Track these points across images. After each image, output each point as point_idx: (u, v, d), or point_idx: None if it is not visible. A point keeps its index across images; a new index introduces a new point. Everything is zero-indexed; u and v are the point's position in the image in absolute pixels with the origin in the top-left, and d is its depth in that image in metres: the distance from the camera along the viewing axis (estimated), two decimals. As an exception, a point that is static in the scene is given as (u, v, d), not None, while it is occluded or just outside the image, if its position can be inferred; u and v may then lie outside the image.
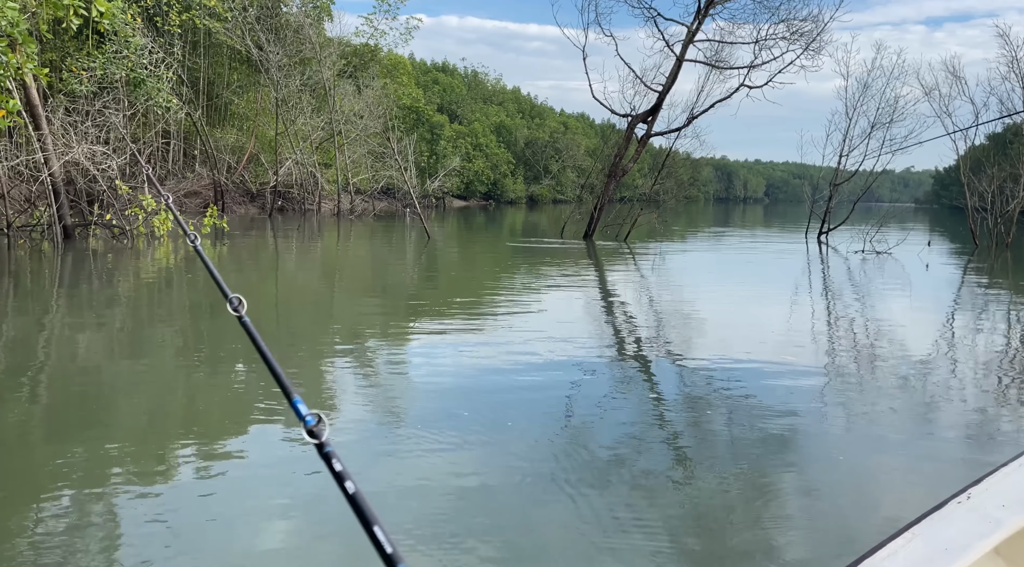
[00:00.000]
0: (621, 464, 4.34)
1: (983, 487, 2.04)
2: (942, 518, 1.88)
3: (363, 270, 15.56)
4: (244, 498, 3.76)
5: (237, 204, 31.91)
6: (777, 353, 7.52)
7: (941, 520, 1.87)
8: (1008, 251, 22.31)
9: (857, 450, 4.73)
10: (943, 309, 11.52)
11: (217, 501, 3.73)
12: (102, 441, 4.51)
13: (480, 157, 60.26)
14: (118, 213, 16.92)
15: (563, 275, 14.84)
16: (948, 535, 1.80)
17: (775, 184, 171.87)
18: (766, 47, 22.52)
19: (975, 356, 7.78)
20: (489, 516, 3.59)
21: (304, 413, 1.13)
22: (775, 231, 36.18)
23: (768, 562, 3.23)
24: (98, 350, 7.13)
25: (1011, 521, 1.90)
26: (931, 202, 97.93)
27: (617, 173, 23.41)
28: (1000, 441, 4.99)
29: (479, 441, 4.63)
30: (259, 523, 3.49)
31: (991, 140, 35.24)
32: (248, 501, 3.73)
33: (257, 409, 5.31)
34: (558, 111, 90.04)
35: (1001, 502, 1.96)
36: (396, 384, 6.16)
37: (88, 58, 20.75)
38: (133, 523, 3.46)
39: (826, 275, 16.25)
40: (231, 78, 33.64)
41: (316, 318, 9.48)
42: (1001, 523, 1.88)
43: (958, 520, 1.87)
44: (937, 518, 1.88)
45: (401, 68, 46.06)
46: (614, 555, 3.23)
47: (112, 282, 11.57)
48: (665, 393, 6.13)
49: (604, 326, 9.42)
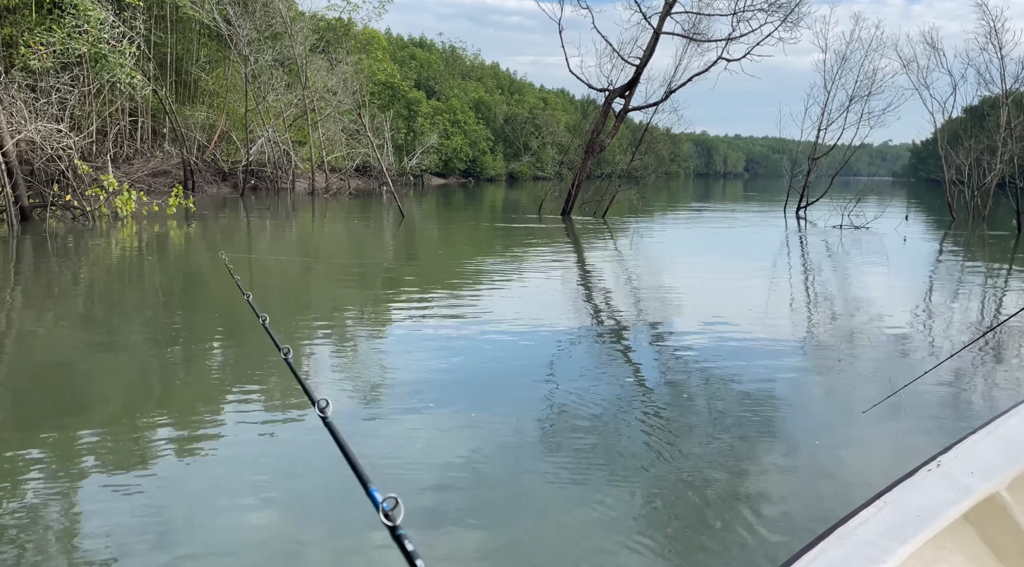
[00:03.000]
0: (602, 440, 4.34)
1: (952, 455, 2.05)
2: (912, 486, 1.90)
3: (338, 250, 15.20)
4: (222, 480, 3.73)
5: (208, 183, 31.22)
6: (755, 328, 7.48)
7: (912, 488, 1.89)
8: (985, 224, 22.35)
9: (833, 421, 4.81)
10: (920, 283, 11.44)
11: (195, 483, 3.68)
12: (73, 428, 4.37)
13: (458, 134, 59.51)
14: (78, 194, 16.35)
15: (539, 253, 14.58)
16: (919, 502, 1.82)
17: (755, 159, 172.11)
18: (744, 19, 22.19)
19: (950, 329, 7.81)
20: (473, 493, 3.60)
21: (380, 499, 1.21)
22: (754, 206, 36.12)
23: (745, 530, 3.26)
24: (62, 335, 6.83)
25: (980, 488, 1.93)
26: (908, 176, 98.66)
27: (594, 149, 23.09)
28: (970, 409, 5.09)
29: (460, 419, 4.63)
30: (239, 504, 3.45)
31: (968, 113, 35.23)
32: (226, 482, 3.70)
33: (231, 391, 5.24)
34: (538, 87, 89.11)
35: (970, 469, 1.98)
36: (375, 363, 6.08)
37: (47, 33, 19.99)
38: (109, 511, 3.37)
39: (804, 250, 16.13)
40: (200, 54, 32.75)
41: (290, 299, 9.18)
42: (970, 490, 1.90)
43: (928, 487, 1.89)
44: (908, 486, 1.89)
45: (376, 43, 45.16)
46: (596, 530, 3.26)
47: (72, 264, 11.15)
48: (644, 367, 6.14)
49: (580, 303, 9.20)
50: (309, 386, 1.76)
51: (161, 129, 30.63)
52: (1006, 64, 22.87)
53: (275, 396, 5.08)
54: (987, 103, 32.45)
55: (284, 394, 5.09)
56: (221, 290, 9.73)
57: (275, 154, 32.49)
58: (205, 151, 31.65)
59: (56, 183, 16.59)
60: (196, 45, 32.59)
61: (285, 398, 5.01)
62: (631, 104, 23.14)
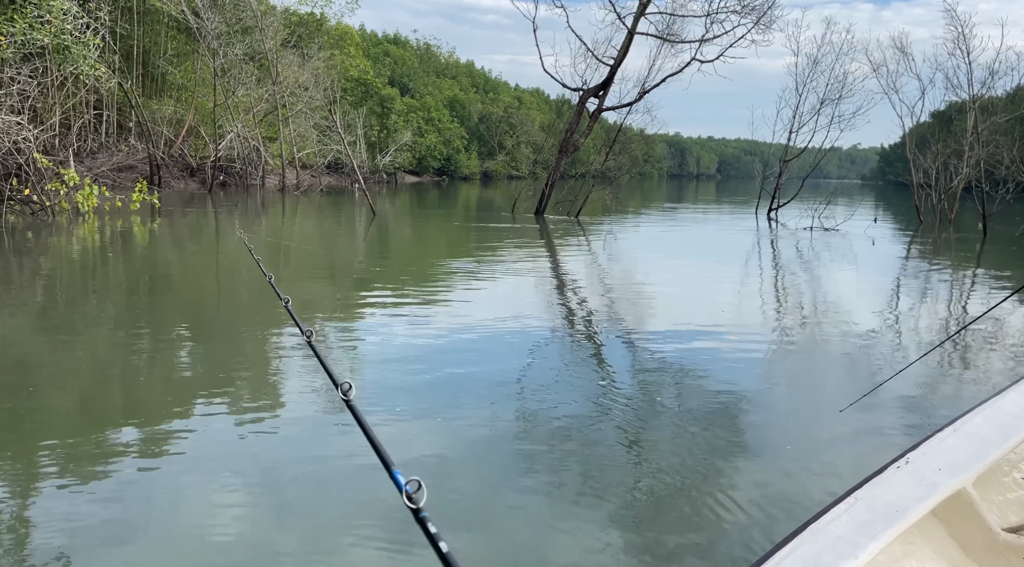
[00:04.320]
0: (573, 442, 4.31)
1: (920, 452, 2.08)
2: (882, 482, 1.92)
3: (308, 247, 14.92)
4: (194, 479, 3.66)
5: (176, 179, 30.60)
6: (727, 329, 7.47)
7: (881, 484, 1.91)
8: (951, 227, 22.66)
9: (802, 420, 4.86)
10: (888, 284, 11.51)
11: (167, 484, 3.62)
12: (37, 431, 4.24)
13: (432, 132, 59.16)
14: (37, 189, 15.85)
15: (511, 253, 14.44)
16: (888, 499, 1.84)
17: (727, 161, 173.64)
18: (717, 21, 22.28)
19: (917, 329, 7.89)
20: (445, 496, 3.56)
21: (403, 482, 1.21)
22: (726, 208, 36.34)
23: (716, 531, 3.27)
24: (22, 334, 6.56)
25: (947, 484, 1.96)
26: (877, 178, 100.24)
27: (568, 148, 23.02)
28: (937, 407, 5.15)
29: (433, 419, 4.60)
30: (211, 503, 3.41)
31: (935, 117, 35.78)
32: (198, 481, 3.63)
33: (198, 388, 5.15)
34: (513, 86, 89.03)
35: (937, 466, 2.02)
36: (345, 365, 5.95)
37: (9, 23, 19.41)
38: (78, 514, 3.28)
39: (776, 252, 16.20)
40: (168, 46, 32.09)
41: (259, 299, 8.95)
42: (937, 486, 1.94)
43: (897, 484, 1.92)
44: (877, 483, 1.92)
45: (348, 39, 44.71)
46: (567, 527, 3.27)
47: (31, 260, 10.77)
48: (615, 367, 6.13)
49: (552, 305, 9.08)
50: (332, 369, 1.74)
51: (127, 123, 29.94)
52: (973, 70, 23.23)
53: (243, 396, 4.94)
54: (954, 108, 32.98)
55: (251, 393, 4.92)
56: (184, 284, 9.45)
57: (245, 150, 31.96)
58: (172, 146, 31.03)
59: (15, 177, 16.08)
60: (164, 38, 31.90)
61: (251, 397, 4.84)
62: (605, 104, 23.11)
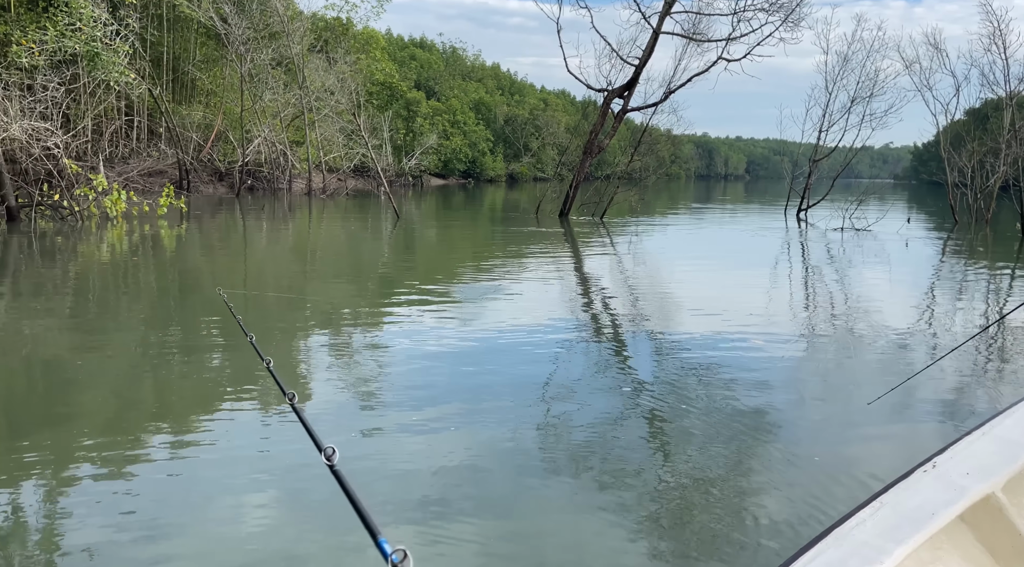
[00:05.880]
0: (600, 442, 4.32)
1: (948, 456, 2.05)
2: (909, 487, 1.89)
3: (333, 251, 14.96)
4: (220, 481, 3.71)
5: (204, 184, 30.97)
6: (756, 331, 7.34)
7: (908, 489, 1.88)
8: (988, 227, 22.08)
9: (832, 423, 4.78)
10: (923, 286, 11.19)
11: (193, 485, 3.67)
12: (69, 432, 4.30)
13: (458, 134, 59.26)
14: (67, 194, 16.09)
15: (534, 255, 14.33)
16: (914, 503, 1.82)
17: (756, 161, 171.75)
18: (744, 19, 21.95)
19: (952, 332, 7.64)
20: (471, 493, 3.59)
21: (389, 551, 1.19)
22: (755, 208, 35.85)
23: (742, 533, 3.24)
24: (53, 337, 6.64)
25: (975, 489, 1.92)
26: (910, 178, 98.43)
27: (592, 149, 22.85)
28: (965, 410, 5.06)
29: (459, 421, 4.60)
30: (237, 505, 3.45)
31: (970, 114, 34.97)
32: (224, 483, 3.69)
33: (226, 391, 5.20)
34: (539, 88, 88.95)
35: (965, 470, 1.98)
36: (372, 365, 5.98)
37: (41, 31, 19.76)
38: (107, 512, 3.33)
39: (805, 253, 15.88)
40: (197, 52, 32.50)
41: (286, 300, 8.97)
42: (965, 491, 1.90)
43: (924, 488, 1.89)
44: (904, 487, 1.89)
45: (374, 43, 44.94)
46: (593, 531, 3.26)
47: (60, 265, 10.91)
48: (642, 370, 6.07)
49: (577, 308, 8.95)
50: (316, 434, 1.71)
51: (157, 129, 30.37)
52: (1010, 65, 22.64)
53: (264, 400, 4.95)
54: (990, 105, 32.21)
55: (270, 399, 4.92)
56: (207, 292, 9.49)
57: (272, 154, 32.25)
58: (201, 151, 31.41)
59: (46, 183, 16.33)
60: (194, 44, 32.33)
61: (273, 402, 4.83)
62: (630, 104, 22.90)
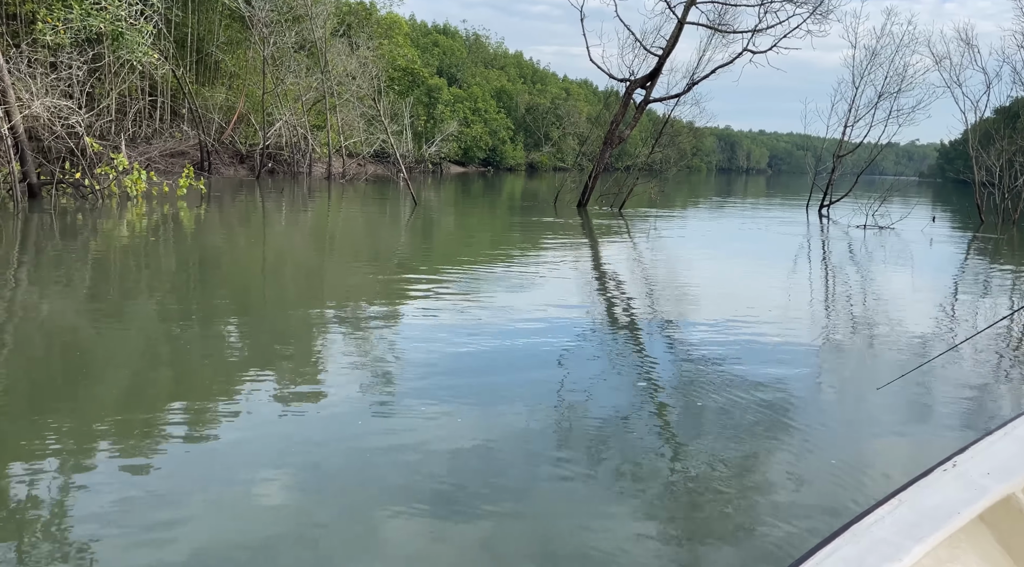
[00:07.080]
0: (613, 432, 4.34)
1: (968, 455, 2.03)
2: (928, 485, 1.88)
3: (351, 237, 14.96)
4: (238, 458, 3.74)
5: (225, 165, 31.10)
6: (773, 327, 7.26)
7: (927, 487, 1.87)
8: (1015, 227, 21.67)
9: (849, 420, 4.73)
10: (945, 286, 10.99)
11: (212, 462, 3.71)
12: (89, 408, 4.35)
13: (479, 122, 59.08)
14: (87, 172, 16.19)
15: (551, 246, 14.24)
16: (934, 502, 1.81)
17: (778, 155, 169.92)
18: (771, 10, 21.57)
19: (973, 333, 7.45)
20: (485, 479, 3.61)
21: None
22: (776, 203, 35.46)
23: (756, 529, 3.24)
24: (74, 314, 6.72)
25: (995, 489, 1.91)
26: (935, 176, 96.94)
27: (613, 140, 22.65)
28: (988, 410, 5.02)
29: (473, 408, 4.61)
30: (254, 480, 3.49)
31: (999, 113, 34.30)
32: (243, 458, 3.74)
33: (246, 368, 5.23)
34: (561, 77, 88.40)
35: (986, 470, 1.96)
36: (388, 351, 5.98)
37: (67, 10, 19.87)
38: (126, 489, 3.37)
39: (826, 250, 15.66)
40: (221, 34, 32.58)
41: (303, 284, 9.00)
42: (986, 490, 1.89)
43: (944, 487, 1.88)
44: (923, 485, 1.88)
45: (397, 28, 44.81)
46: (605, 520, 3.27)
47: (80, 243, 10.99)
48: (657, 363, 6.05)
49: (593, 297, 8.88)
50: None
51: (180, 110, 30.51)
52: (1044, 63, 22.10)
53: (283, 376, 5.06)
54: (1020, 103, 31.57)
55: (294, 376, 5.03)
56: (225, 271, 9.51)
57: (293, 138, 32.30)
58: (223, 133, 31.53)
59: (67, 161, 16.45)
60: (218, 26, 32.40)
61: (295, 379, 4.95)
62: (652, 95, 22.66)
